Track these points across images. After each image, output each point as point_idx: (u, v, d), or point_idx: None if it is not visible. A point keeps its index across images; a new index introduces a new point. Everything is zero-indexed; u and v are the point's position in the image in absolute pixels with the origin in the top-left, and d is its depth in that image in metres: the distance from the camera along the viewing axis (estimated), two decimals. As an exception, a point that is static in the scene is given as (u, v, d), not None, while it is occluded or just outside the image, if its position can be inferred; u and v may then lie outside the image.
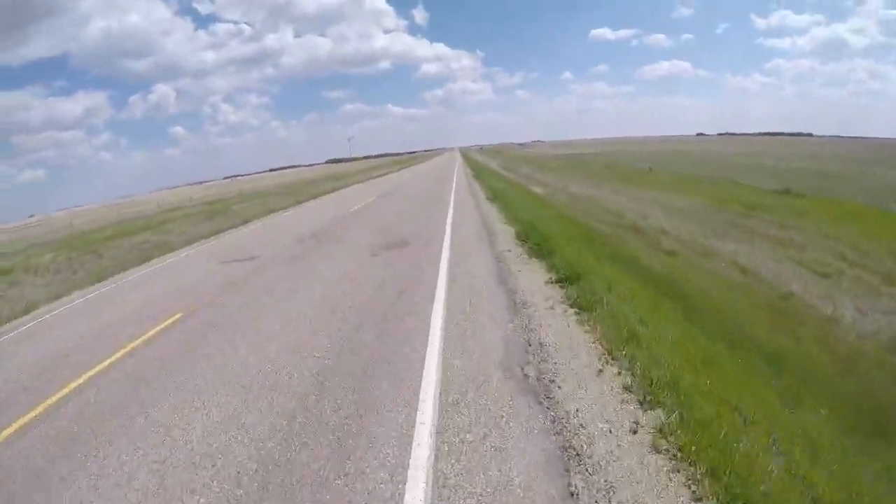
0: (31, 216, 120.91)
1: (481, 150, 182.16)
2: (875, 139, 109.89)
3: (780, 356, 5.58)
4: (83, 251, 15.82)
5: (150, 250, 13.70)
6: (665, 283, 8.03)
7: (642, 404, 3.14)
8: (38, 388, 4.66)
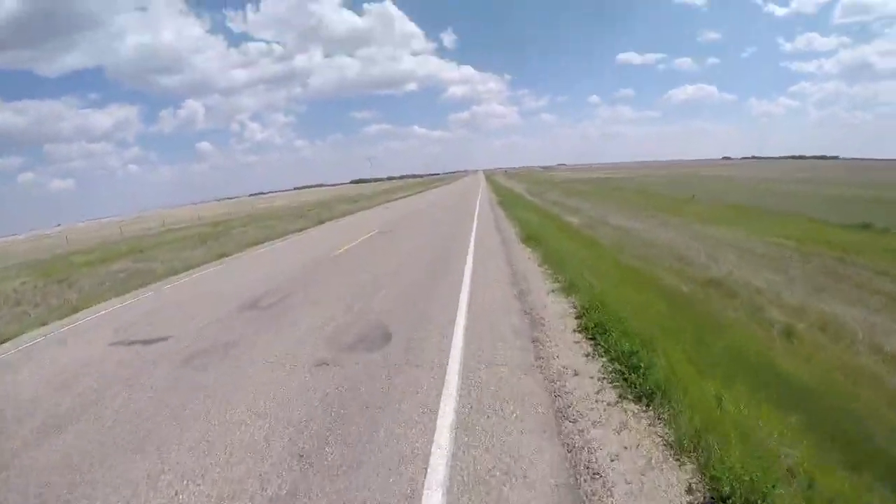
0: (57, 225, 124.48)
1: (506, 173, 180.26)
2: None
3: None
4: (56, 278, 13.86)
5: (116, 285, 11.38)
6: (836, 425, 4.53)
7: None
8: None
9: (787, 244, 13.96)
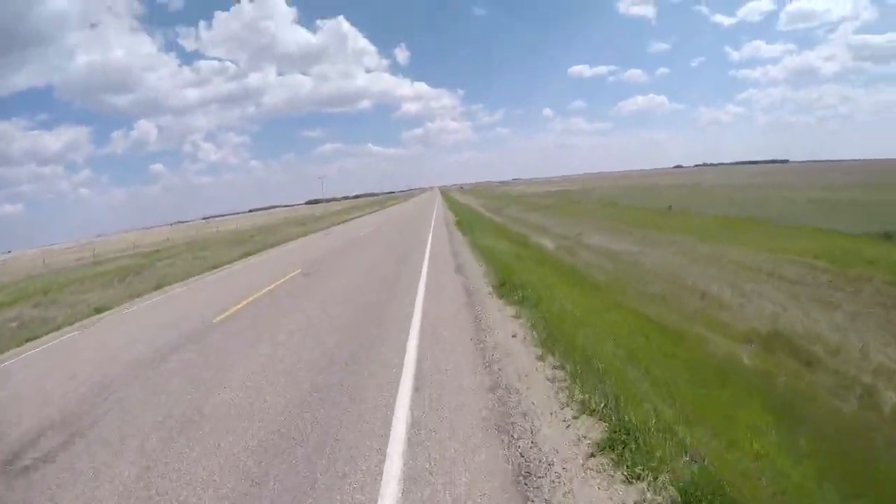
0: (8, 252, 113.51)
1: (461, 189, 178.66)
2: (850, 161, 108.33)
3: None
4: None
5: None
6: None
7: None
8: None
9: (818, 265, 11.20)
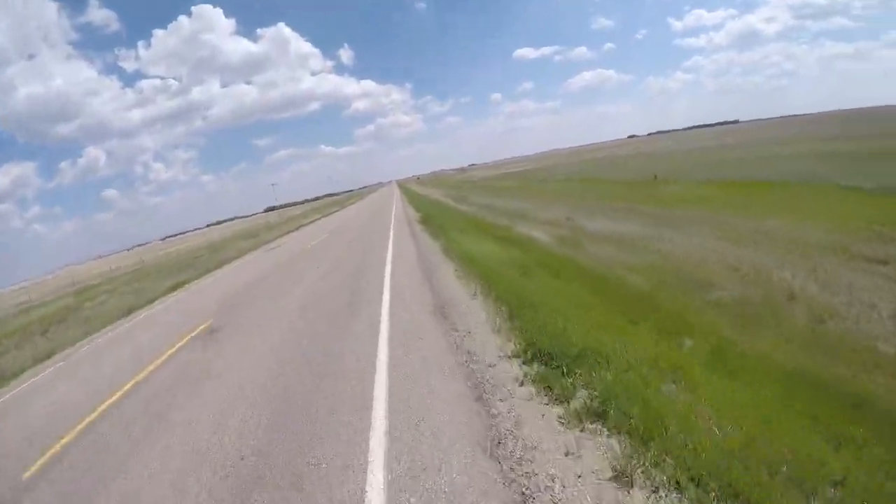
0: None
1: (419, 180, 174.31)
2: (800, 116, 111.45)
3: None
4: None
5: None
6: None
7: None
8: None
9: (887, 233, 8.69)
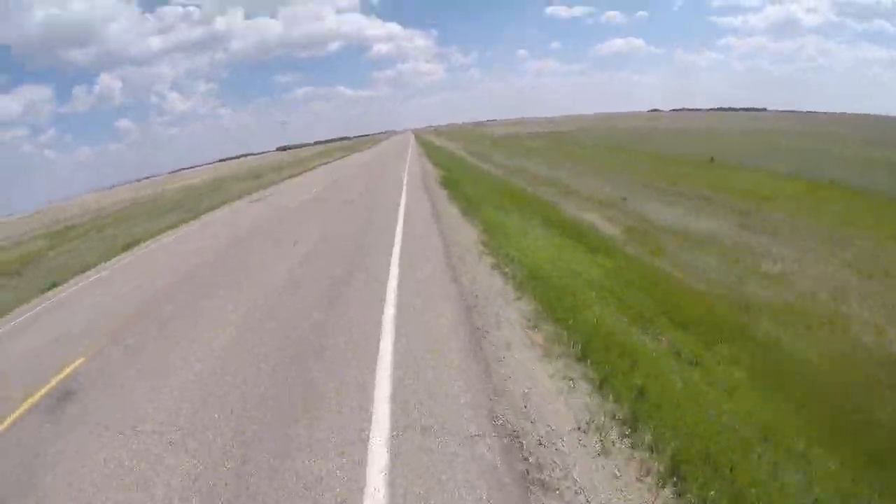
0: None
1: (436, 130, 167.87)
2: (834, 114, 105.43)
3: None
4: None
5: None
6: None
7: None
8: None
9: None
